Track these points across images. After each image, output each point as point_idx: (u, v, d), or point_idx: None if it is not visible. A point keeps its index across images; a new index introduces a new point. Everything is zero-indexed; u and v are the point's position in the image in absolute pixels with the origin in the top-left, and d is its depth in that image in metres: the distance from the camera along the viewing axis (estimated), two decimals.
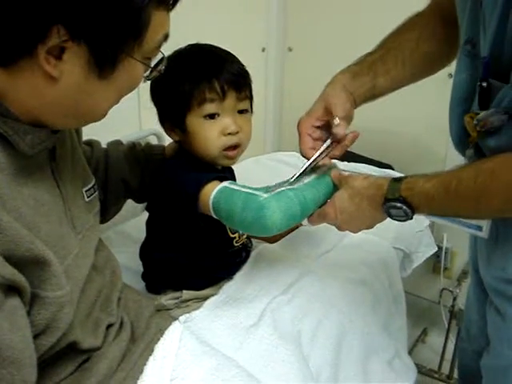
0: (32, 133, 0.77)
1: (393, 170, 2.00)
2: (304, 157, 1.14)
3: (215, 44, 1.17)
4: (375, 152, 2.12)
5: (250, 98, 1.17)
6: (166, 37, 0.82)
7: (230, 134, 1.12)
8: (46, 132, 0.80)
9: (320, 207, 1.10)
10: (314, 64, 2.34)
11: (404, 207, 0.97)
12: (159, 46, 0.82)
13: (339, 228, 1.11)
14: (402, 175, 1.01)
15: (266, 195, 1.02)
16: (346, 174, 1.13)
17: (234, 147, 1.15)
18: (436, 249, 1.81)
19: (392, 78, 1.17)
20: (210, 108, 1.10)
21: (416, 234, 1.70)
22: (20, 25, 0.68)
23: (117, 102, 0.84)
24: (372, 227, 1.09)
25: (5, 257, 0.69)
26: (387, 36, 1.19)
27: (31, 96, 0.75)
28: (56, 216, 0.84)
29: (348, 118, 1.14)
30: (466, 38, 0.95)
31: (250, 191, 1.04)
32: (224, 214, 1.05)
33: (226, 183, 1.08)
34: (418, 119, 2.09)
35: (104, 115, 0.86)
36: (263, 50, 2.36)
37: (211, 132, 1.11)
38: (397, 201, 0.97)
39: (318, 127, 1.14)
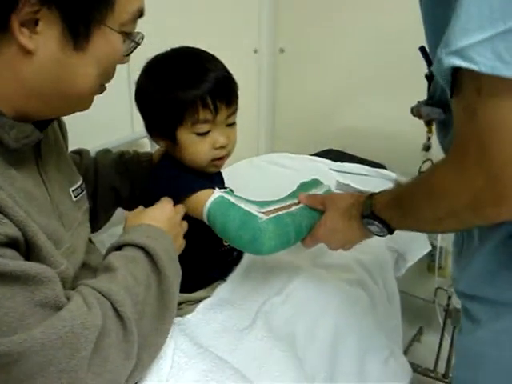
0: (17, 127, 0.77)
1: (386, 169, 2.00)
2: None
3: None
4: (368, 152, 2.12)
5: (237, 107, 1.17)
6: (140, 12, 0.82)
7: (220, 147, 1.13)
8: (30, 127, 0.80)
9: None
10: (306, 65, 2.34)
11: (376, 222, 0.97)
12: (134, 20, 0.83)
13: (332, 247, 1.13)
14: (381, 190, 1.02)
15: (264, 217, 1.04)
16: (331, 195, 1.16)
17: (222, 157, 1.16)
18: (430, 248, 1.81)
19: None
20: (202, 127, 1.10)
21: (410, 234, 1.70)
22: None
23: (98, 79, 0.83)
24: (361, 241, 1.11)
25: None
26: None
27: (10, 77, 0.75)
28: (47, 210, 0.85)
29: None
30: None
31: (248, 209, 1.06)
32: (219, 226, 1.07)
33: (222, 193, 1.09)
34: (411, 118, 2.10)
35: (88, 99, 0.86)
36: (255, 51, 2.35)
37: (202, 147, 1.12)
38: (370, 217, 0.98)
39: None
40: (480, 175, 0.70)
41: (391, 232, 0.99)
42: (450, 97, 0.74)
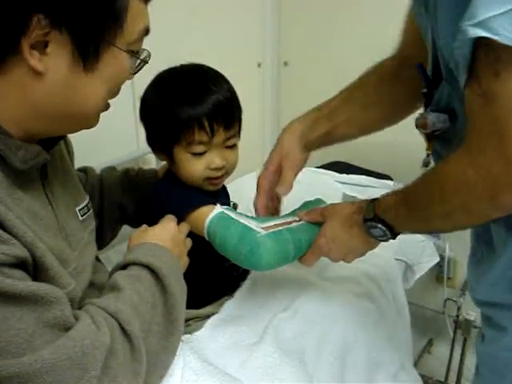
0: (24, 148, 0.77)
1: (392, 180, 2.00)
2: (255, 211, 1.22)
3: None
4: (375, 163, 2.12)
5: (239, 129, 1.17)
6: (146, 30, 0.83)
7: (215, 168, 1.13)
8: (37, 148, 0.80)
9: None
10: (310, 78, 2.34)
11: (379, 225, 0.96)
12: (141, 38, 0.83)
13: (333, 258, 1.10)
14: (384, 193, 1.00)
15: (263, 232, 1.03)
16: (330, 206, 1.14)
17: (219, 177, 1.16)
18: (438, 259, 1.80)
19: (357, 123, 1.20)
20: (198, 148, 1.10)
21: (418, 245, 1.69)
22: (0, 19, 0.69)
23: (106, 97, 0.84)
24: (364, 254, 1.08)
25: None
26: (350, 83, 1.22)
27: (19, 98, 0.75)
28: (53, 231, 0.85)
29: (300, 168, 1.24)
30: None
31: (247, 224, 1.05)
32: (218, 241, 1.07)
33: (223, 209, 1.09)
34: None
35: (95, 118, 0.86)
36: (259, 65, 2.36)
37: (197, 166, 1.12)
38: (373, 220, 0.97)
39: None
40: (497, 161, 0.68)
41: (394, 236, 0.98)
42: (464, 86, 0.73)
